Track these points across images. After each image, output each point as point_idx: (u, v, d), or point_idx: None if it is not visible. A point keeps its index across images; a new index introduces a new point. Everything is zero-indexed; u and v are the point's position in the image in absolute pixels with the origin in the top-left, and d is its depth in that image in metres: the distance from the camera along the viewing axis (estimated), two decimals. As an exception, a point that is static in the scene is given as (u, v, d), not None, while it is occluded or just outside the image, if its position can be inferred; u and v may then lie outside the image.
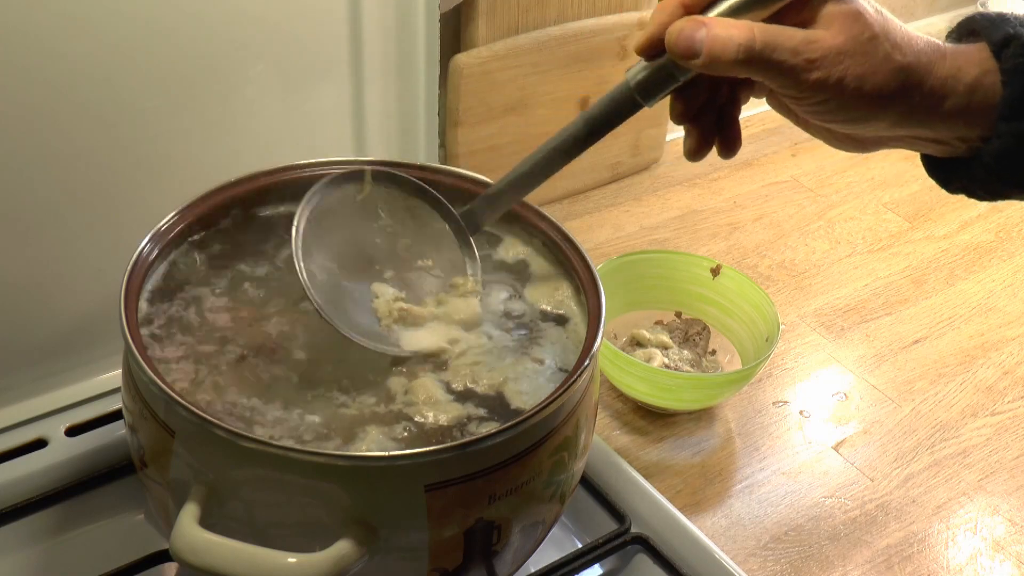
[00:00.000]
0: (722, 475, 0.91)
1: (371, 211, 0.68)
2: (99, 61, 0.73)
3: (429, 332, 0.65)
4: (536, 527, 0.63)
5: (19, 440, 0.78)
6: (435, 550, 0.58)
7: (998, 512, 0.91)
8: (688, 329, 1.00)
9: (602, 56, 1.17)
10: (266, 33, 0.80)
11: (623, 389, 0.96)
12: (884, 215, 1.28)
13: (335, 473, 0.54)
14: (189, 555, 0.52)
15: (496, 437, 0.56)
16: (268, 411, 0.60)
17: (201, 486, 0.56)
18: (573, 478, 0.64)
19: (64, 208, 0.76)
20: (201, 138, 0.80)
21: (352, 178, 0.68)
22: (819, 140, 0.60)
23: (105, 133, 0.75)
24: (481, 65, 1.09)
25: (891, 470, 0.94)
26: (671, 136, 1.35)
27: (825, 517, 0.89)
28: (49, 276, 0.78)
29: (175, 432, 0.57)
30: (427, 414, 0.60)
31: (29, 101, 0.71)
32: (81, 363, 0.82)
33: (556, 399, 0.58)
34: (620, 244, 1.18)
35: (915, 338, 1.09)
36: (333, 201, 0.66)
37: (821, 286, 1.15)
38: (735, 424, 0.97)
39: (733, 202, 1.27)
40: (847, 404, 1.01)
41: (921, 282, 1.17)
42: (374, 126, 0.89)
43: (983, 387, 1.03)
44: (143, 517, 0.76)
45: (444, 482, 0.56)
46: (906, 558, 0.86)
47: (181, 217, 0.68)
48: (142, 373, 0.57)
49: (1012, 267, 1.20)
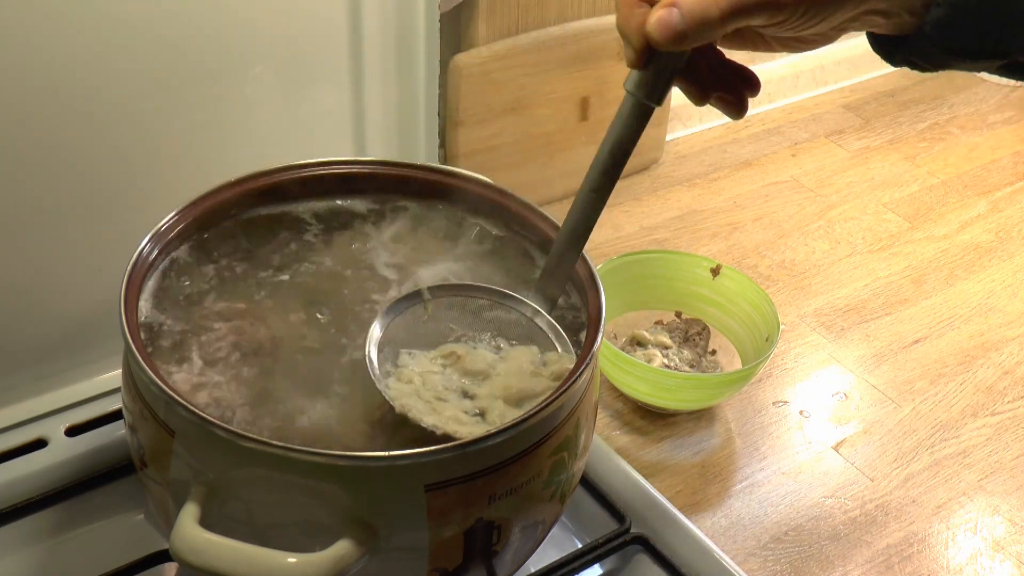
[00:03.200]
0: (722, 475, 0.91)
1: (443, 328, 0.65)
2: (99, 61, 0.73)
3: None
4: (536, 527, 0.63)
5: (19, 440, 0.78)
6: (435, 550, 0.58)
7: (998, 512, 0.91)
8: (688, 329, 1.00)
9: (602, 56, 1.17)
10: (266, 33, 0.80)
11: (623, 389, 0.96)
12: (884, 215, 1.28)
13: (335, 473, 0.54)
14: (189, 555, 0.52)
15: (496, 437, 0.56)
16: (267, 409, 0.60)
17: (201, 486, 0.56)
18: (573, 478, 0.64)
19: (64, 208, 0.76)
20: (201, 138, 0.80)
21: (411, 300, 0.65)
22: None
23: (105, 133, 0.75)
24: (481, 65, 1.09)
25: (891, 470, 0.94)
26: (671, 136, 1.35)
27: (825, 517, 0.89)
28: (49, 276, 0.78)
29: (175, 432, 0.57)
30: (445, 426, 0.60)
31: (29, 102, 0.71)
32: (81, 363, 0.82)
33: (556, 399, 0.58)
34: (620, 244, 1.18)
35: (915, 338, 1.09)
36: (399, 329, 0.63)
37: (821, 286, 1.15)
38: (735, 424, 0.97)
39: (733, 202, 1.27)
40: (847, 404, 1.01)
41: (921, 282, 1.17)
42: (374, 126, 0.89)
43: (983, 387, 1.03)
44: (143, 517, 0.76)
45: (444, 482, 0.56)
46: (906, 558, 0.86)
47: (181, 217, 0.68)
48: (142, 373, 0.57)
49: (1012, 267, 1.20)
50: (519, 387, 0.61)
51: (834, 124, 1.45)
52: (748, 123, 1.42)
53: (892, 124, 1.46)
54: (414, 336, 0.64)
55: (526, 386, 0.61)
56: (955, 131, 1.46)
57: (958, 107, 1.51)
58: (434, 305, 0.65)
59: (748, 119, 1.43)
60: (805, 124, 1.44)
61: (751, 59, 0.63)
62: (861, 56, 1.55)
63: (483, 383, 0.62)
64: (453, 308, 0.65)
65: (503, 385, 0.62)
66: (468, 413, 0.60)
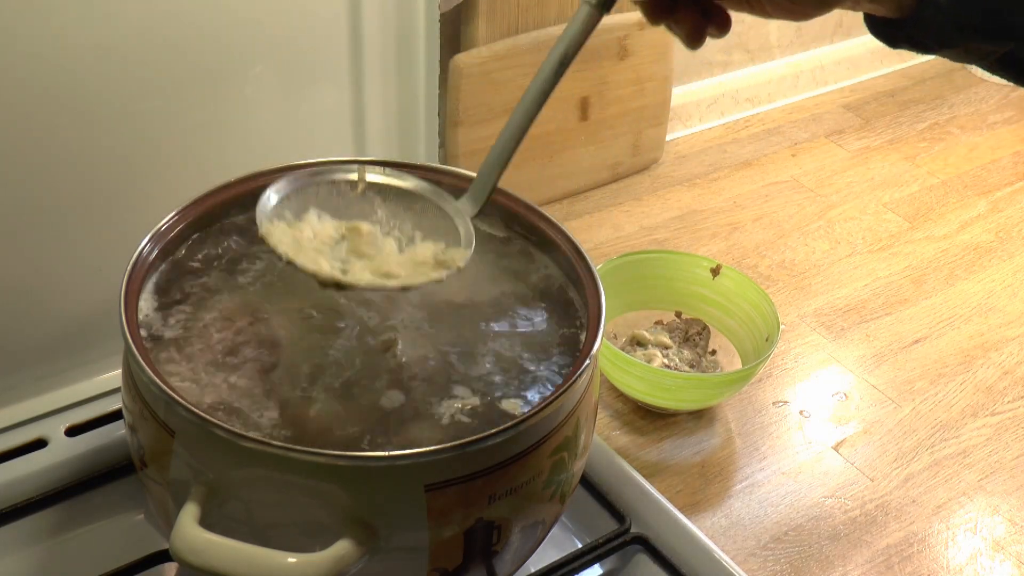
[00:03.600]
0: (722, 475, 0.92)
1: (368, 204, 0.66)
2: (99, 61, 0.73)
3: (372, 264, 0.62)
4: (536, 527, 0.63)
5: (19, 440, 0.78)
6: (435, 550, 0.58)
7: (998, 512, 0.91)
8: (688, 329, 1.00)
9: (602, 56, 1.17)
10: (266, 33, 0.80)
11: (623, 389, 0.96)
12: (884, 215, 1.28)
13: (335, 473, 0.54)
14: (189, 555, 0.52)
15: (496, 437, 0.56)
16: (268, 410, 0.60)
17: (201, 486, 0.56)
18: (573, 478, 0.64)
19: (64, 208, 0.76)
20: (201, 138, 0.80)
21: (346, 170, 0.66)
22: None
23: (105, 133, 0.75)
24: (481, 65, 1.09)
25: (891, 470, 0.94)
26: (671, 136, 1.35)
27: (825, 517, 0.89)
28: (49, 276, 0.78)
29: (175, 432, 0.57)
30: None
31: (30, 102, 0.71)
32: (81, 363, 0.82)
33: (556, 399, 0.58)
34: (620, 244, 1.18)
35: (915, 338, 1.09)
36: (321, 190, 0.64)
37: (821, 286, 1.15)
38: (735, 424, 0.97)
39: (733, 202, 1.27)
40: (847, 404, 1.01)
41: (921, 282, 1.17)
42: (374, 126, 0.89)
43: (983, 387, 1.03)
44: (143, 517, 0.76)
45: (444, 482, 0.56)
46: (906, 558, 0.86)
47: (181, 217, 0.68)
48: (142, 373, 0.57)
49: (1012, 267, 1.20)
50: (390, 269, 0.62)
51: (834, 124, 1.45)
52: (748, 123, 1.43)
53: (892, 124, 1.46)
54: (336, 205, 0.64)
55: (400, 270, 0.62)
56: (955, 131, 1.46)
57: (958, 107, 1.51)
58: (369, 189, 0.65)
59: (748, 119, 1.43)
60: (805, 124, 1.44)
61: (751, 59, 0.63)
62: (861, 56, 1.55)
63: (362, 261, 0.63)
64: (389, 197, 0.66)
65: (380, 263, 0.63)
66: (334, 266, 0.61)
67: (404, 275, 0.62)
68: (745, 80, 1.42)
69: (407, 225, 0.66)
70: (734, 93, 1.42)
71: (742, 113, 1.44)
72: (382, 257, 0.63)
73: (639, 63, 1.21)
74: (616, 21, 1.17)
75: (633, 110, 1.23)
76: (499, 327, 0.67)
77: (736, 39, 1.39)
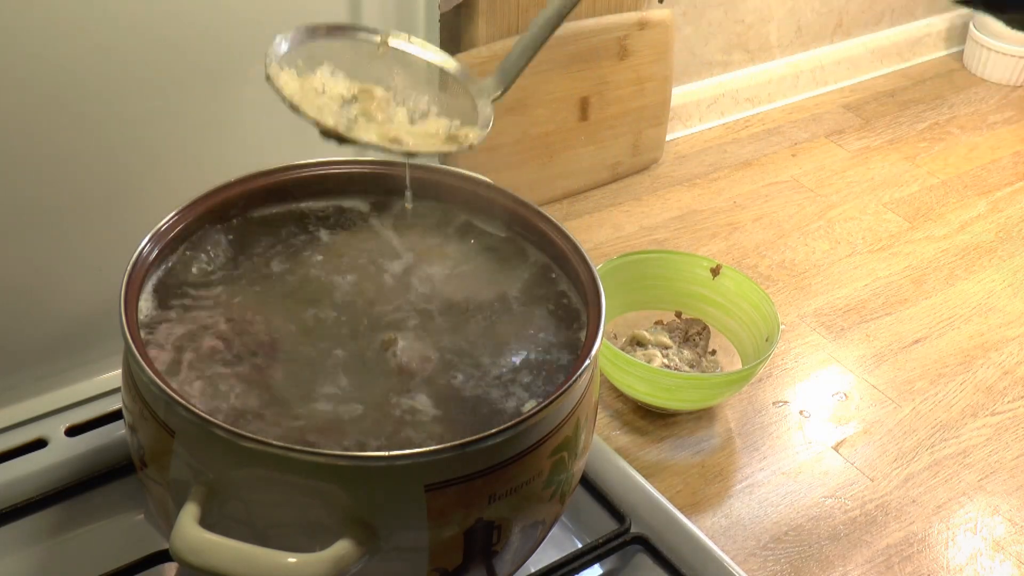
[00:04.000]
0: (722, 475, 0.92)
1: (385, 73, 0.62)
2: (99, 62, 0.73)
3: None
4: (536, 527, 0.63)
5: (19, 440, 0.78)
6: (435, 550, 0.58)
7: (998, 512, 0.91)
8: (688, 329, 1.00)
9: (602, 56, 1.17)
10: (266, 34, 0.79)
11: (623, 389, 0.96)
12: (884, 215, 1.28)
13: (335, 473, 0.54)
14: (189, 555, 0.52)
15: (496, 437, 0.56)
16: (268, 410, 0.60)
17: (201, 486, 0.56)
18: (573, 478, 0.64)
19: (64, 208, 0.76)
20: (201, 138, 0.80)
21: (370, 33, 0.63)
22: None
23: (105, 133, 0.75)
24: (481, 65, 1.09)
25: (891, 470, 0.94)
26: (671, 136, 1.35)
27: (825, 517, 0.89)
28: (49, 276, 0.78)
29: (175, 432, 0.57)
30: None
31: (30, 102, 0.71)
32: (81, 363, 0.82)
33: (556, 399, 0.58)
34: (620, 244, 1.18)
35: (915, 338, 1.09)
36: (340, 48, 0.61)
37: (821, 286, 1.15)
38: (735, 424, 0.97)
39: (733, 202, 1.27)
40: (847, 404, 1.01)
41: (921, 282, 1.17)
42: (374, 126, 0.89)
43: (983, 387, 1.04)
44: (143, 517, 0.76)
45: (444, 482, 0.56)
46: (906, 558, 0.86)
47: (181, 217, 0.68)
48: (142, 373, 0.57)
49: (1012, 267, 1.20)
50: (398, 135, 0.60)
51: (834, 124, 1.45)
52: (748, 123, 1.43)
53: (892, 124, 1.46)
54: (354, 64, 0.61)
55: (408, 139, 0.60)
56: (955, 131, 1.46)
57: (958, 107, 1.51)
58: (392, 54, 0.62)
59: (748, 119, 1.43)
60: (805, 124, 1.44)
61: (751, 59, 0.63)
62: (861, 56, 1.55)
63: (370, 123, 0.61)
64: (410, 66, 0.63)
65: (389, 128, 0.60)
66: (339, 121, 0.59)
67: (412, 143, 0.60)
68: (745, 80, 1.42)
69: (424, 99, 0.63)
70: (734, 93, 1.42)
71: (742, 113, 1.44)
72: (392, 124, 0.60)
73: (639, 63, 1.21)
74: (616, 21, 1.17)
75: (633, 110, 1.23)
76: (499, 327, 0.67)
77: (736, 39, 1.39)
